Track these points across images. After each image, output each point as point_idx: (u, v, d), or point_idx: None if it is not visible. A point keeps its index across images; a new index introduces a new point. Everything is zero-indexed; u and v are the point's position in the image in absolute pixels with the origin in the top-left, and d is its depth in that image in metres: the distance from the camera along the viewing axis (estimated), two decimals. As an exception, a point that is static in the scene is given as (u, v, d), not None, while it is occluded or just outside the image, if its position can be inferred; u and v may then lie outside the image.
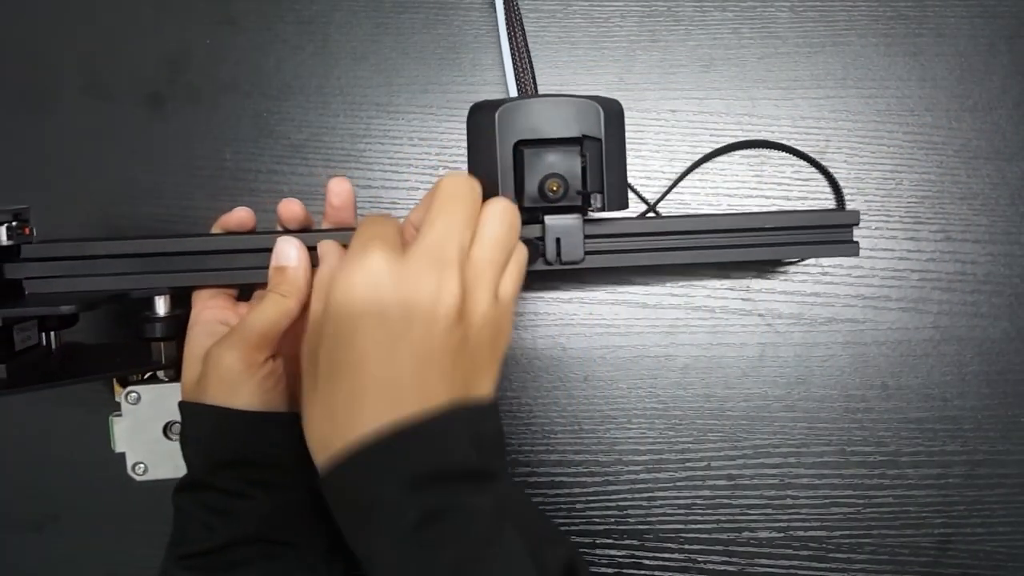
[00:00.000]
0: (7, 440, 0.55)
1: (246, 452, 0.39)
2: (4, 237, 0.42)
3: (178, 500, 0.40)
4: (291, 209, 0.43)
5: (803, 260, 0.52)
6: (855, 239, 0.45)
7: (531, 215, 0.43)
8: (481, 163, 0.42)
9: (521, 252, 0.38)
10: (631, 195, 0.52)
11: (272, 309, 0.40)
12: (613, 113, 0.42)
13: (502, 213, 0.36)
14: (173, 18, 0.55)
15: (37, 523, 0.55)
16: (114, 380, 0.48)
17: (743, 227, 0.44)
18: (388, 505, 0.31)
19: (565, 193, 0.41)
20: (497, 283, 0.36)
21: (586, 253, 0.43)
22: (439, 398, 0.32)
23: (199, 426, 0.40)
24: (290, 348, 0.42)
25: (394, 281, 0.33)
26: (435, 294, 0.33)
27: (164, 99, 0.54)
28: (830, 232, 0.45)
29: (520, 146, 0.41)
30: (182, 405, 0.41)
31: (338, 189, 0.43)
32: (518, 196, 0.41)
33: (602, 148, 0.41)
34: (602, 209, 0.41)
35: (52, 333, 0.46)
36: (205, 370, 0.40)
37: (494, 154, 0.41)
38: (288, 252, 0.41)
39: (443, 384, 0.33)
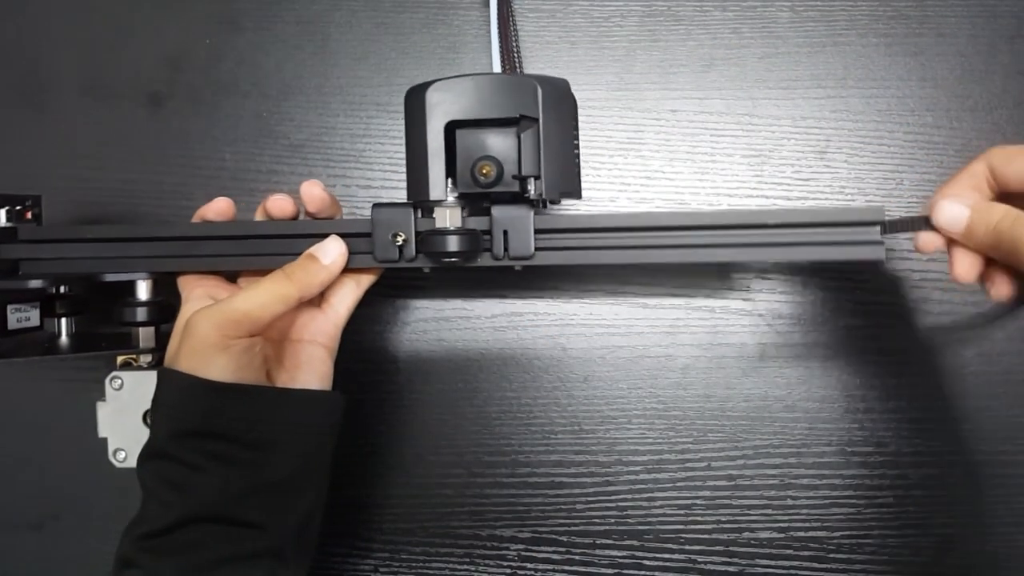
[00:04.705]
0: (7, 439, 0.55)
1: (208, 422, 0.39)
2: (4, 218, 0.45)
3: (140, 472, 0.40)
4: (282, 208, 0.43)
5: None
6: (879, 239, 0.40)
7: (475, 204, 0.40)
8: (413, 147, 0.39)
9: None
10: (638, 197, 0.52)
11: (268, 293, 0.40)
12: (554, 91, 0.38)
13: None
14: (173, 18, 0.55)
15: (37, 522, 0.55)
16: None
17: (738, 223, 0.40)
18: None
19: (499, 178, 0.38)
20: None
21: (539, 249, 0.40)
22: None
23: (168, 391, 0.40)
24: (275, 332, 0.43)
25: None
26: None
27: (164, 99, 0.54)
28: (847, 231, 0.40)
29: (453, 127, 0.38)
30: (158, 371, 0.41)
31: (308, 197, 0.43)
32: (451, 181, 0.39)
33: (539, 129, 0.38)
34: (540, 195, 0.38)
35: (63, 320, 0.48)
36: (182, 337, 0.40)
37: (424, 135, 0.38)
38: (332, 250, 0.41)
39: None
